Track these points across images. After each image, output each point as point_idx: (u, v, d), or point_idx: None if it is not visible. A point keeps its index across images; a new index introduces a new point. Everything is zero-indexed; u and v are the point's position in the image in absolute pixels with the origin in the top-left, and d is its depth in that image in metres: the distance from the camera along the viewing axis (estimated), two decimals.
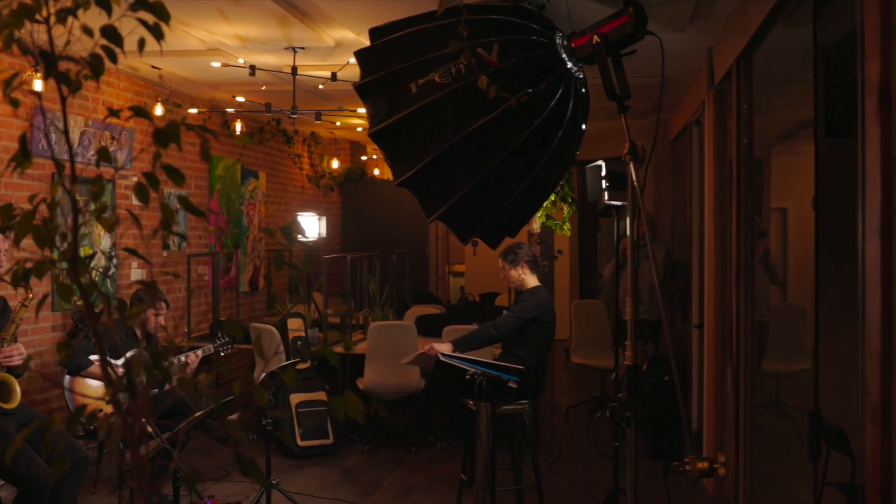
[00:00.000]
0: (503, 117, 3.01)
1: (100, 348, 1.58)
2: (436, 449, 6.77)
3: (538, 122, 3.06)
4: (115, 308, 1.73)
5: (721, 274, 5.67)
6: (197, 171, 8.14)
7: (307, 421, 6.61)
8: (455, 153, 3.07)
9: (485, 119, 3.01)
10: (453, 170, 3.13)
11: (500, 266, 5.28)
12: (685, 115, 7.53)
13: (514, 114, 3.02)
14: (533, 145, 3.10)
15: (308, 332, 6.96)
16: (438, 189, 3.18)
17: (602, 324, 8.20)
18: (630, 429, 3.09)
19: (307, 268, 7.98)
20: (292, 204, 10.39)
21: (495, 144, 3.08)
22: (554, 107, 3.08)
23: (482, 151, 3.10)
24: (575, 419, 7.82)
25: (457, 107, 3.07)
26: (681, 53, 5.92)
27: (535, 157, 3.15)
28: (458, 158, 3.10)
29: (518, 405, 4.95)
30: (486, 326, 5.17)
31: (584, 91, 3.22)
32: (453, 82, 3.04)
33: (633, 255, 3.10)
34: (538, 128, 3.06)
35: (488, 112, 3.00)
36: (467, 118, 3.05)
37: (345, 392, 1.69)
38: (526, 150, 3.10)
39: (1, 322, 4.12)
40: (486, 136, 3.05)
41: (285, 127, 9.70)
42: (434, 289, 11.53)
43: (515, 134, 3.07)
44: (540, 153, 3.15)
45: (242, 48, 5.78)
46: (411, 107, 3.09)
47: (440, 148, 3.07)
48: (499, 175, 3.12)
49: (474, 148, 3.09)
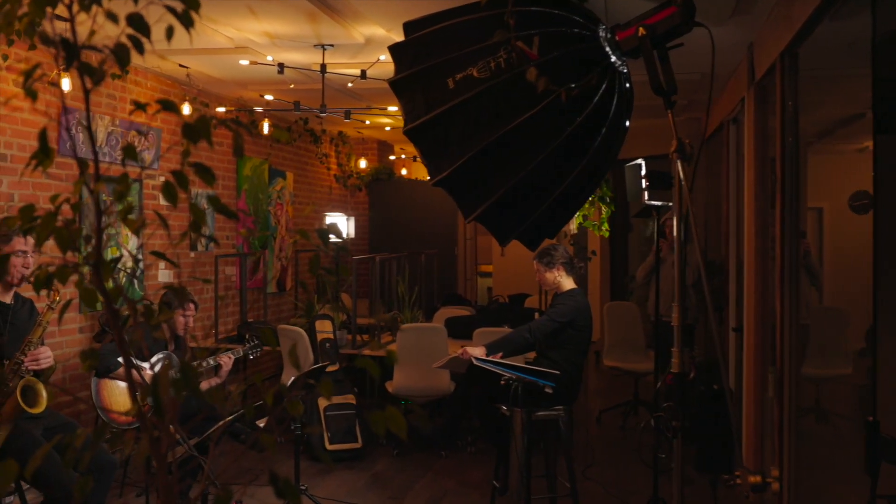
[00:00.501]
0: (545, 113, 2.88)
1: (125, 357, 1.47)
2: (466, 453, 6.64)
3: (581, 119, 2.92)
4: (141, 314, 1.63)
5: (762, 275, 5.50)
6: (225, 171, 8.07)
7: (335, 424, 6.51)
8: (494, 151, 2.94)
9: (525, 115, 2.89)
10: (492, 168, 3.01)
11: (535, 268, 5.14)
12: (721, 112, 7.35)
13: (556, 110, 2.89)
14: (575, 143, 2.97)
15: (336, 334, 6.86)
16: (476, 189, 3.05)
17: (635, 326, 8.04)
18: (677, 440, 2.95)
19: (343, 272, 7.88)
20: (320, 204, 10.31)
21: (536, 142, 2.95)
22: (597, 102, 2.95)
23: (522, 149, 2.97)
24: (608, 424, 7.67)
25: (496, 103, 2.95)
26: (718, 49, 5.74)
27: (577, 156, 3.01)
28: (498, 156, 2.97)
29: (553, 411, 4.81)
30: (521, 330, 5.04)
31: (629, 86, 3.08)
32: (492, 77, 2.91)
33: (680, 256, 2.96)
34: (581, 125, 2.93)
35: (529, 108, 2.88)
36: (507, 114, 2.93)
37: (386, 406, 1.58)
38: (568, 147, 2.96)
39: (28, 325, 4.05)
40: (527, 133, 2.93)
41: (313, 126, 9.61)
42: (462, 290, 11.41)
43: (557, 131, 2.94)
44: (582, 151, 3.02)
45: (271, 45, 5.68)
46: (448, 103, 2.96)
47: (478, 146, 2.94)
48: (539, 174, 2.99)
49: (514, 145, 2.96)
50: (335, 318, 7.09)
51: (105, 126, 6.17)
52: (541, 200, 3.08)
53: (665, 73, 2.98)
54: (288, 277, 9.44)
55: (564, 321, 4.93)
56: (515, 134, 2.92)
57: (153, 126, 6.76)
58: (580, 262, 5.23)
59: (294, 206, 9.68)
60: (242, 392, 7.43)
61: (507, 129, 2.91)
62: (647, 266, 7.28)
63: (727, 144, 7.12)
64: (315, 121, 9.41)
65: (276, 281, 9.21)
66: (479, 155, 2.96)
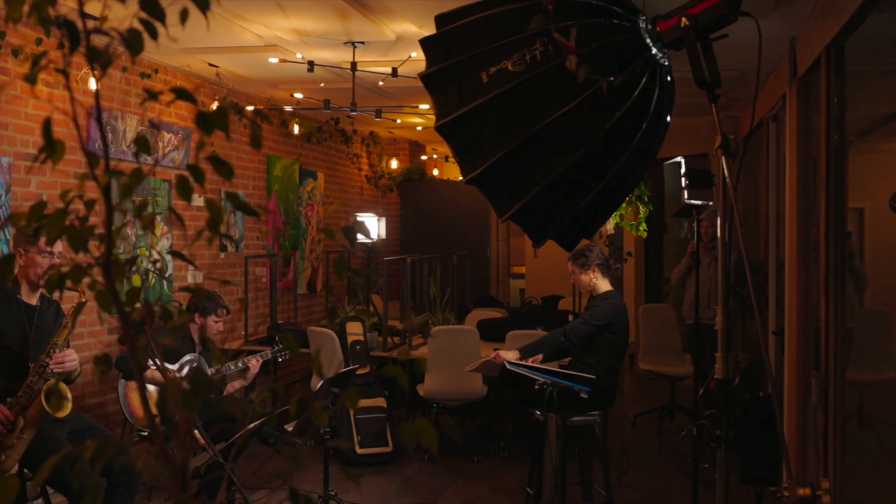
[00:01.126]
0: (583, 108, 2.75)
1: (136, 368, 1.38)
2: (499, 458, 6.51)
3: (621, 114, 2.79)
4: (158, 317, 1.54)
5: (804, 277, 5.32)
6: (255, 171, 8.01)
7: (366, 428, 6.41)
8: (529, 147, 2.82)
9: (563, 110, 2.76)
10: (527, 166, 2.88)
11: (569, 270, 5.00)
12: (760, 110, 7.16)
13: (595, 105, 2.77)
14: (615, 139, 2.84)
15: (367, 336, 6.77)
16: (511, 187, 2.93)
17: (671, 329, 7.86)
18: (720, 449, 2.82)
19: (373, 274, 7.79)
20: (351, 205, 10.23)
21: (573, 138, 2.82)
22: (638, 97, 2.82)
23: (559, 145, 2.84)
24: (643, 428, 7.50)
25: (532, 97, 2.82)
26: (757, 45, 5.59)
27: (616, 152, 2.88)
28: (533, 153, 2.85)
29: (589, 416, 4.68)
30: (555, 333, 4.91)
31: (670, 79, 2.94)
32: (528, 70, 2.79)
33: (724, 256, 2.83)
34: (621, 120, 2.80)
35: (566, 102, 2.75)
36: (543, 109, 2.80)
37: (416, 418, 1.47)
38: (607, 143, 2.84)
39: (54, 327, 3.99)
40: (564, 128, 2.80)
41: (344, 126, 9.53)
42: (495, 291, 11.27)
43: (596, 126, 2.81)
44: (622, 147, 2.88)
45: (301, 43, 5.60)
46: (482, 97, 2.84)
47: (513, 142, 2.82)
48: (577, 171, 2.86)
49: (550, 142, 2.84)
50: (366, 321, 7.00)
51: (134, 126, 6.13)
52: (578, 199, 2.96)
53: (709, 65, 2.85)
54: (319, 279, 9.37)
55: (600, 324, 4.79)
56: (552, 129, 2.80)
57: (183, 126, 6.72)
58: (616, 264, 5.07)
59: (325, 206, 9.61)
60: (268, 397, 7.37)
61: (544, 125, 2.79)
62: (682, 267, 7.11)
63: (766, 142, 6.93)
64: (346, 121, 9.34)
65: (307, 282, 9.14)
66: (513, 151, 2.84)
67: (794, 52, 5.36)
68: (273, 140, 8.32)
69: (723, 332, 2.78)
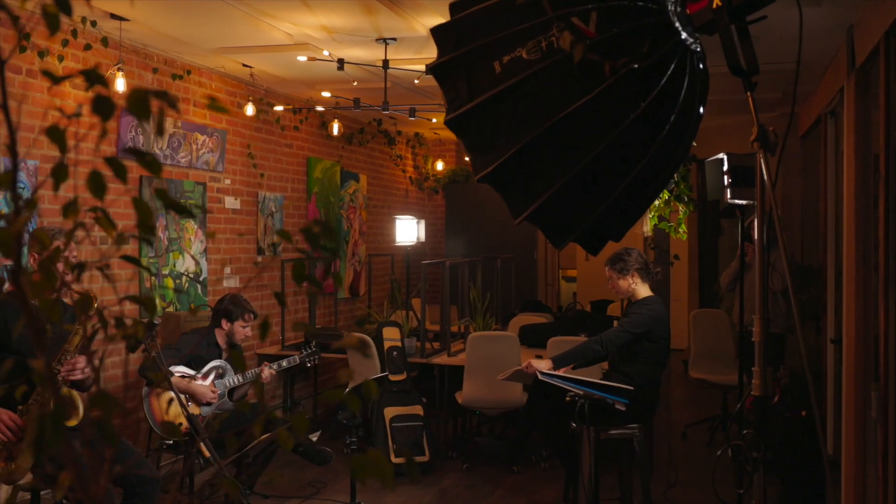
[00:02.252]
0: (604, 98, 2.51)
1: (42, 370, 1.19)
2: (539, 469, 6.27)
3: (646, 104, 2.55)
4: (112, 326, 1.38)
5: (863, 282, 4.98)
6: (294, 173, 7.89)
7: (401, 436, 6.22)
8: (546, 142, 2.59)
9: (582, 101, 2.53)
10: (544, 162, 2.66)
11: (607, 276, 4.75)
12: (818, 105, 6.80)
13: (618, 94, 2.53)
14: (640, 131, 2.59)
15: (405, 341, 6.59)
16: (527, 185, 2.70)
17: (724, 335, 7.52)
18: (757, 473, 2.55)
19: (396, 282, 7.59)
20: (395, 208, 10.07)
21: (594, 131, 2.58)
22: (665, 86, 2.57)
23: (578, 140, 2.61)
24: (693, 439, 7.18)
25: (548, 87, 2.59)
26: (814, 34, 5.26)
27: (641, 147, 2.63)
28: (550, 148, 2.62)
29: (627, 429, 4.42)
30: (591, 342, 4.65)
31: (702, 67, 2.69)
32: (544, 58, 2.56)
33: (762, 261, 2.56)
34: (646, 110, 2.55)
35: (586, 92, 2.52)
36: (561, 100, 2.57)
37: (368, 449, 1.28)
38: (632, 136, 2.59)
39: (68, 334, 3.87)
40: (583, 121, 2.56)
41: (387, 128, 9.38)
42: (543, 296, 11.01)
43: (618, 118, 2.57)
44: (648, 142, 2.64)
45: (330, 41, 5.44)
46: (494, 88, 2.62)
47: (528, 136, 2.60)
48: (598, 167, 2.62)
49: (569, 136, 2.60)
50: (404, 325, 6.82)
51: (167, 128, 6.04)
52: (601, 198, 2.72)
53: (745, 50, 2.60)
54: (361, 282, 9.23)
55: (639, 332, 4.52)
56: (570, 122, 2.57)
57: (218, 127, 6.62)
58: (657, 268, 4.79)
59: (368, 209, 9.46)
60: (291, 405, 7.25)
61: (561, 117, 2.56)
62: (731, 272, 6.77)
63: (824, 140, 6.57)
64: (388, 122, 9.19)
65: (349, 286, 9.00)
66: (529, 146, 2.61)
67: (851, 42, 5.03)
68: (312, 141, 8.20)
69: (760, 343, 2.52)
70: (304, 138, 8.01)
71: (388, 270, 9.72)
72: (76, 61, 5.23)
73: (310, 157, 8.13)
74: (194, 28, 5.23)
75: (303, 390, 7.92)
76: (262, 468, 4.84)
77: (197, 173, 6.43)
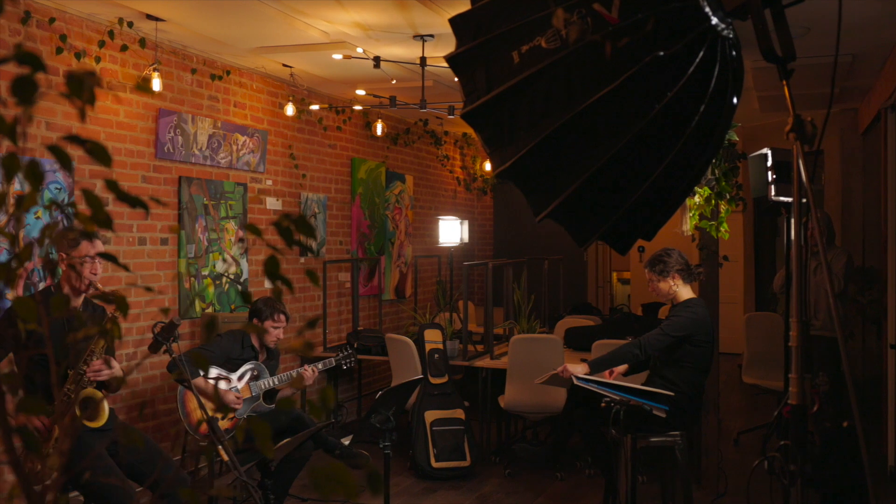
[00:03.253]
0: (628, 88, 2.37)
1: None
2: (583, 476, 6.10)
3: (672, 94, 2.40)
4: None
5: None
6: (337, 173, 7.85)
7: (442, 440, 6.11)
8: (567, 135, 2.46)
9: (604, 91, 2.39)
10: (566, 156, 2.52)
11: (646, 278, 4.57)
12: (878, 99, 6.51)
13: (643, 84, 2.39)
14: (666, 122, 2.44)
15: (447, 344, 6.48)
16: (548, 180, 2.57)
17: (779, 339, 7.23)
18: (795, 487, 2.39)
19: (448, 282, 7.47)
20: (443, 209, 9.96)
21: (618, 123, 2.44)
22: (693, 74, 2.41)
23: (601, 132, 2.47)
24: (746, 447, 6.93)
25: (569, 77, 2.46)
26: (871, 24, 5.02)
27: (669, 139, 2.48)
28: (571, 141, 2.48)
29: (668, 437, 4.24)
30: (630, 345, 4.48)
31: (735, 54, 2.52)
32: (564, 47, 2.43)
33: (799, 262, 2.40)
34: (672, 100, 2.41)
35: (608, 82, 2.38)
36: (582, 91, 2.43)
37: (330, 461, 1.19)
38: (657, 129, 2.44)
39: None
40: (606, 112, 2.43)
41: (433, 128, 9.28)
42: (593, 298, 10.80)
43: (643, 110, 2.42)
44: (676, 134, 2.48)
45: (366, 38, 5.36)
46: (513, 79, 2.50)
47: (548, 129, 2.47)
48: (623, 162, 2.48)
49: (591, 128, 2.47)
50: (446, 328, 6.72)
51: (207, 128, 6.02)
52: (627, 193, 2.57)
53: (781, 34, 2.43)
54: (407, 284, 9.15)
55: (679, 335, 4.34)
56: (592, 114, 2.43)
57: (259, 128, 6.59)
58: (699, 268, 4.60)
59: (415, 210, 9.38)
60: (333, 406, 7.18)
61: (583, 109, 2.42)
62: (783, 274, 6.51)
63: (884, 136, 6.29)
64: (435, 122, 9.09)
65: (395, 288, 8.93)
66: (549, 139, 2.48)
67: None
68: (356, 142, 8.14)
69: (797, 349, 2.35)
70: (347, 139, 7.96)
71: (435, 272, 9.63)
72: (114, 63, 5.24)
73: (354, 157, 8.07)
74: (229, 27, 5.20)
75: (345, 392, 7.86)
76: (294, 473, 4.77)
77: (237, 174, 6.41)
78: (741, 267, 10.57)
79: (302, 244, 1.53)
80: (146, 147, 5.52)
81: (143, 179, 5.52)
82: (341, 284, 7.90)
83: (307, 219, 1.35)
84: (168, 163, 5.70)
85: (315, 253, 7.46)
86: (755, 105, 7.68)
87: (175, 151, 5.71)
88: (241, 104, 6.42)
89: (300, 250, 7.23)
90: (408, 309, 8.75)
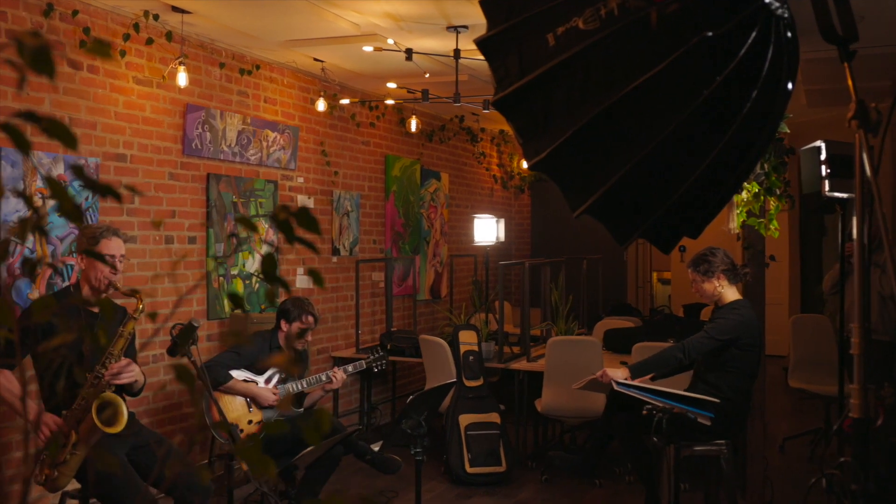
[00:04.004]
0: (673, 73, 2.18)
1: None
2: (623, 483, 5.88)
3: (721, 79, 2.20)
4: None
5: None
6: (371, 171, 7.70)
7: (477, 445, 5.93)
8: (606, 123, 2.27)
9: (647, 76, 2.20)
10: (604, 146, 2.34)
11: (690, 278, 4.36)
12: None
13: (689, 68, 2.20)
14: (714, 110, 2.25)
15: (482, 345, 6.30)
16: (585, 173, 2.39)
17: (826, 342, 6.96)
18: None
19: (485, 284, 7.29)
20: (479, 207, 9.78)
21: (661, 111, 2.25)
22: (744, 57, 2.22)
23: (644, 120, 2.28)
24: (792, 454, 6.66)
25: (608, 61, 2.27)
26: None
27: (717, 128, 2.29)
28: (611, 131, 2.30)
29: (712, 446, 4.02)
30: (673, 349, 4.27)
31: (791, 36, 2.32)
32: (603, 27, 2.25)
33: (861, 262, 2.19)
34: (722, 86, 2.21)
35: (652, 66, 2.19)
36: (623, 76, 2.24)
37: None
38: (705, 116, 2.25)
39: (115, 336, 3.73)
40: (649, 99, 2.24)
41: (469, 125, 9.10)
42: (633, 298, 10.55)
43: (689, 96, 2.23)
44: (725, 123, 2.29)
45: (398, 30, 5.20)
46: (547, 63, 2.32)
47: (586, 117, 2.28)
48: (667, 153, 2.29)
49: (632, 116, 2.28)
50: (482, 329, 6.54)
51: (236, 124, 5.90)
52: (671, 188, 2.38)
53: (841, 12, 2.23)
54: (443, 284, 8.98)
55: (725, 339, 4.12)
56: (634, 100, 2.24)
57: (290, 124, 6.47)
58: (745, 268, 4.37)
59: (450, 208, 9.21)
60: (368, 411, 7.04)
61: (623, 95, 2.24)
62: (835, 274, 6.24)
63: None
64: (471, 118, 8.91)
65: (430, 288, 8.77)
66: (587, 128, 2.29)
67: None
68: (391, 139, 7.99)
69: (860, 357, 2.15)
70: (381, 136, 7.81)
71: (471, 272, 9.46)
72: (139, 57, 5.13)
73: (388, 154, 7.93)
74: (257, 19, 5.07)
75: (379, 395, 7.71)
76: (323, 479, 4.62)
77: (268, 171, 6.29)
78: (787, 267, 10.26)
79: (304, 241, 1.37)
80: (173, 143, 5.41)
81: (169, 176, 5.41)
82: (375, 284, 7.76)
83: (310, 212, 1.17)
84: (196, 159, 5.59)
85: (349, 252, 7.32)
86: (802, 100, 7.40)
87: (203, 148, 5.60)
88: (272, 99, 6.30)
89: (332, 249, 7.10)
90: (443, 309, 8.59)
